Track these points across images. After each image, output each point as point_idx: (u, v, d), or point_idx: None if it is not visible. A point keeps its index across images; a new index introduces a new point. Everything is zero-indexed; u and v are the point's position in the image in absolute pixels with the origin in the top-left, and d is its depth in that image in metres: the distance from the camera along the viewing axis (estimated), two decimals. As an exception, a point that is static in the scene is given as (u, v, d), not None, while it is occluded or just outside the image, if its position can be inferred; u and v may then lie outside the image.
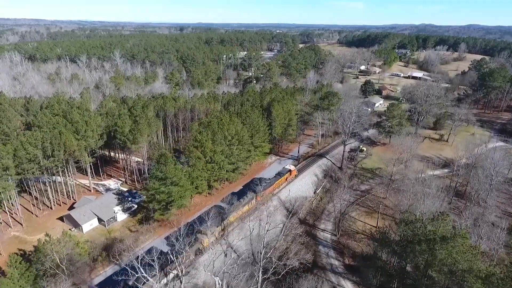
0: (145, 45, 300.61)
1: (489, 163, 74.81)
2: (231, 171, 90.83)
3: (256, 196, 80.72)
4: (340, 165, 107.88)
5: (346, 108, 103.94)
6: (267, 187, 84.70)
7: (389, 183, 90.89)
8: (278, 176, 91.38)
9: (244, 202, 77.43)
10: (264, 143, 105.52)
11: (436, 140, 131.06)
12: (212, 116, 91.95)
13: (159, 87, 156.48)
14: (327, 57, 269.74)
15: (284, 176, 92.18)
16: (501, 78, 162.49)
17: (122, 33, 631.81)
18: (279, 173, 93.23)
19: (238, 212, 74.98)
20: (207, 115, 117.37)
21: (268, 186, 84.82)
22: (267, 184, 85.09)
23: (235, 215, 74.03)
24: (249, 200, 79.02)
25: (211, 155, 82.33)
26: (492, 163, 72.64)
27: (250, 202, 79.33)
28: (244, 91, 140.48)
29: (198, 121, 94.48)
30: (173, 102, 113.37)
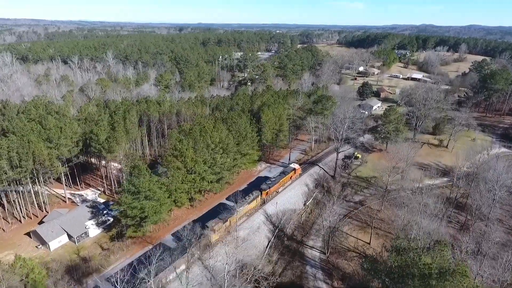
0: (139, 45, 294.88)
1: (491, 175, 68.73)
2: (215, 182, 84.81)
3: (261, 193, 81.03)
4: (333, 173, 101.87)
5: (339, 114, 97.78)
6: (272, 185, 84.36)
7: (384, 194, 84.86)
8: (282, 174, 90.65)
9: (250, 200, 77.21)
10: (252, 150, 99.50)
11: (435, 146, 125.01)
12: (195, 122, 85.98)
13: (148, 89, 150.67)
14: (324, 58, 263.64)
15: (289, 175, 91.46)
16: (503, 81, 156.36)
17: (120, 33, 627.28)
18: (283, 172, 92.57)
19: (244, 209, 74.84)
20: (194, 119, 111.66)
21: (273, 184, 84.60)
22: (272, 183, 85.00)
23: (241, 212, 73.47)
24: (255, 197, 78.82)
25: (192, 165, 76.37)
26: (495, 176, 66.56)
27: (256, 200, 79.15)
28: (235, 95, 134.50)
29: (178, 128, 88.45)
30: (158, 107, 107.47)
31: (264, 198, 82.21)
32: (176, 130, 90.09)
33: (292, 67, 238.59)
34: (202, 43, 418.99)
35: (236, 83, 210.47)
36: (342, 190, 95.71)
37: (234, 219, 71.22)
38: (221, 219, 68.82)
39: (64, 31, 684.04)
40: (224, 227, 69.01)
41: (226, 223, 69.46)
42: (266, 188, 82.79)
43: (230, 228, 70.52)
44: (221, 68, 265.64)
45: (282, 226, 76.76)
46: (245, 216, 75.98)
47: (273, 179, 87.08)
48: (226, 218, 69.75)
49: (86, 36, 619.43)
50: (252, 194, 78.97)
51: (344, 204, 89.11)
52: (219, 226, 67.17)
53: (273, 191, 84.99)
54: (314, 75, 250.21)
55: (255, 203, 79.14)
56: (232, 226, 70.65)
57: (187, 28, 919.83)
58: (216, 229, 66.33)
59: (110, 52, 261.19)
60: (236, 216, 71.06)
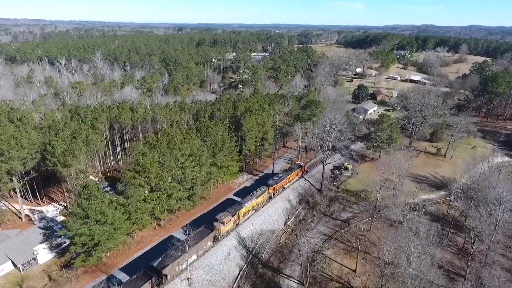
0: (130, 46, 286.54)
1: (493, 197, 60.10)
2: (186, 198, 76.45)
3: (268, 189, 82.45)
4: (319, 186, 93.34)
5: (325, 122, 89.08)
6: (279, 181, 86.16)
7: (373, 213, 76.32)
8: (289, 171, 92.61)
9: (257, 195, 79.06)
10: (231, 161, 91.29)
11: (433, 155, 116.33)
12: (164, 132, 77.55)
13: (129, 93, 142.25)
14: (320, 59, 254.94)
15: (295, 171, 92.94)
16: (505, 84, 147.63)
17: (116, 34, 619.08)
18: (290, 169, 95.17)
19: (252, 203, 77.03)
20: (172, 127, 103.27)
21: (280, 181, 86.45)
22: (278, 179, 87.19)
23: (249, 206, 75.85)
24: (262, 192, 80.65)
25: (156, 182, 68.00)
26: (498, 198, 57.93)
27: (263, 195, 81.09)
28: (217, 100, 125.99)
29: (143, 140, 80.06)
30: (130, 113, 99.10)
31: (271, 193, 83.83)
32: (139, 142, 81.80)
33: (286, 68, 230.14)
34: (197, 43, 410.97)
35: (226, 86, 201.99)
36: (328, 206, 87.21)
37: (242, 212, 73.63)
38: (230, 212, 70.60)
39: (61, 31, 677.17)
40: (233, 220, 71.05)
41: (235, 216, 71.50)
42: (273, 183, 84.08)
43: (238, 221, 73.51)
44: (214, 70, 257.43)
45: (257, 250, 68.26)
46: (252, 210, 77.95)
47: (280, 175, 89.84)
48: (234, 211, 71.55)
49: (81, 36, 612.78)
50: (259, 189, 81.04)
51: (330, 222, 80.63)
52: (228, 218, 69.02)
53: (280, 187, 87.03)
54: (309, 77, 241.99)
55: (262, 197, 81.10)
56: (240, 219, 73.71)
57: (186, 28, 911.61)
58: (225, 221, 68.22)
59: (99, 53, 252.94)
60: (244, 210, 73.84)
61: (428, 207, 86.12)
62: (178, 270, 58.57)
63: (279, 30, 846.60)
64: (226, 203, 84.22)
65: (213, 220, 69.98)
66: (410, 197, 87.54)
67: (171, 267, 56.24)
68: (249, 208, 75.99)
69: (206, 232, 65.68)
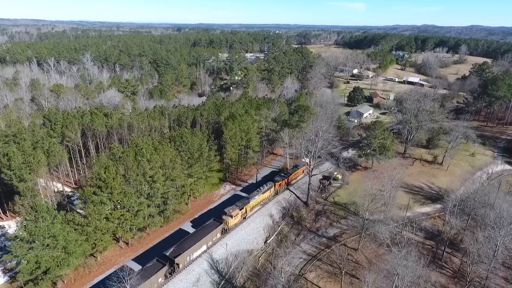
0: (122, 47, 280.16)
1: (492, 219, 53.41)
2: (157, 214, 70.05)
3: (274, 185, 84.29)
4: (306, 199, 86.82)
5: (311, 131, 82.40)
6: (286, 177, 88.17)
7: (361, 231, 69.82)
8: (295, 168, 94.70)
9: (264, 190, 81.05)
10: (210, 172, 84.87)
11: (429, 163, 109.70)
12: (132, 143, 71.09)
13: (112, 96, 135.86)
14: (315, 60, 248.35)
15: (301, 169, 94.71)
16: (506, 87, 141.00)
17: (114, 34, 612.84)
18: (296, 166, 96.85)
19: (259, 198, 79.61)
20: (150, 134, 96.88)
21: (286, 177, 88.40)
22: (285, 175, 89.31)
23: (256, 200, 78.54)
24: (268, 188, 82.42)
25: (119, 199, 61.57)
26: (497, 221, 51.23)
27: (270, 190, 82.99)
28: (200, 105, 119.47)
29: (109, 151, 73.60)
30: (105, 119, 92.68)
31: (277, 189, 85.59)
32: (103, 155, 75.35)
33: (280, 70, 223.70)
34: (193, 44, 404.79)
35: (217, 88, 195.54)
36: (315, 221, 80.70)
37: (249, 206, 76.28)
38: (238, 206, 73.35)
39: (58, 31, 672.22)
40: (241, 214, 73.48)
41: (242, 210, 73.89)
42: (280, 180, 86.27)
43: (246, 215, 76.06)
44: (208, 71, 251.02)
45: (231, 275, 61.74)
46: (259, 205, 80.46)
47: (287, 172, 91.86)
48: (242, 205, 74.18)
49: (77, 36, 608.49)
50: (266, 185, 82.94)
51: (315, 240, 74.11)
52: (236, 212, 71.57)
53: (286, 183, 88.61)
54: (304, 78, 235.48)
55: (268, 193, 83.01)
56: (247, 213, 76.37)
57: (185, 28, 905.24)
58: (233, 214, 70.61)
59: (89, 54, 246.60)
60: (251, 204, 76.52)
61: (422, 222, 79.75)
62: (189, 260, 61.70)
63: (279, 30, 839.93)
64: (203, 217, 78.01)
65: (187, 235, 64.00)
66: (403, 211, 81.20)
67: (183, 257, 59.69)
68: (256, 203, 78.86)
69: (215, 224, 68.49)
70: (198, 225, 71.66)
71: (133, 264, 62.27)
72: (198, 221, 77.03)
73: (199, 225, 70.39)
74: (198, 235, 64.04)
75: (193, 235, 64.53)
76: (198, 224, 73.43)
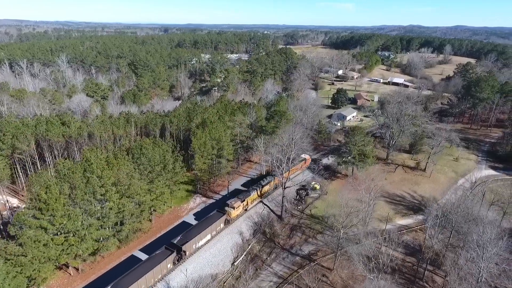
0: (100, 48, 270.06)
1: (474, 241, 48.21)
2: (111, 236, 63.03)
3: (274, 178, 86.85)
4: (280, 212, 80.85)
5: (283, 139, 76.30)
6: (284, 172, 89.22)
7: (337, 249, 64.21)
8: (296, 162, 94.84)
9: (264, 184, 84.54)
10: (176, 185, 78.12)
11: (412, 169, 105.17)
12: (83, 157, 63.86)
13: (80, 101, 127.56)
14: (300, 61, 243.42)
15: (299, 164, 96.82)
16: (489, 88, 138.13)
17: (98, 34, 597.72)
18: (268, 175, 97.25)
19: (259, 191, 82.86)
20: (115, 144, 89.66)
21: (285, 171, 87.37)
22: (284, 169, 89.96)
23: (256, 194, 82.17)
24: (268, 181, 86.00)
25: (63, 222, 54.44)
26: (480, 245, 46.01)
27: (269, 184, 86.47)
28: (170, 111, 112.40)
29: (54, 167, 66.29)
30: (62, 129, 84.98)
31: (276, 183, 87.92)
32: (44, 171, 68.00)
33: (263, 71, 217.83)
34: (177, 44, 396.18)
35: (197, 91, 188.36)
36: (289, 237, 74.85)
37: (250, 198, 79.75)
38: (240, 198, 77.33)
39: (39, 32, 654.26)
40: (242, 205, 77.04)
41: (244, 202, 77.58)
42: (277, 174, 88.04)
43: (247, 207, 79.64)
44: (190, 73, 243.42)
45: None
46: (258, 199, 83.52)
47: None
48: (244, 197, 78.00)
49: (60, 37, 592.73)
50: (266, 178, 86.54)
51: (288, 259, 68.21)
52: (238, 204, 75.42)
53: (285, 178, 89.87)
54: (288, 80, 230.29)
55: (268, 186, 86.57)
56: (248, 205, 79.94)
57: (173, 29, 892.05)
58: (235, 206, 74.38)
59: (64, 55, 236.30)
60: (251, 197, 79.81)
61: (403, 236, 74.71)
62: (195, 248, 65.25)
63: (267, 31, 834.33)
64: (168, 235, 71.29)
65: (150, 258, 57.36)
66: (384, 223, 76.01)
67: (189, 245, 63.14)
68: (256, 196, 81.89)
69: (218, 215, 71.58)
70: (157, 247, 64.82)
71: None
72: (161, 239, 70.29)
73: (158, 247, 63.63)
74: (203, 225, 67.75)
75: (198, 226, 68.15)
76: (155, 247, 66.39)
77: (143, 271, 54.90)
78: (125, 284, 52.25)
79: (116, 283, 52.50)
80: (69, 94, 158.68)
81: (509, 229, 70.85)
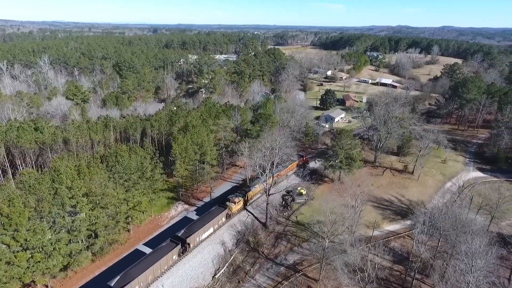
0: (84, 49, 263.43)
1: (462, 252, 46.08)
2: (84, 249, 59.29)
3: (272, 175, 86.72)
4: (265, 220, 78.04)
5: (266, 144, 73.52)
6: (281, 169, 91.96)
7: (322, 259, 61.68)
8: (291, 161, 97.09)
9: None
10: (155, 193, 74.58)
11: (400, 172, 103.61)
12: (52, 166, 59.95)
13: (58, 104, 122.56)
14: (288, 62, 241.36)
15: (295, 162, 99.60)
16: (475, 89, 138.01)
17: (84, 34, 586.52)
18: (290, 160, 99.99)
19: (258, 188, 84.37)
20: (93, 149, 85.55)
21: (282, 169, 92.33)
22: (282, 167, 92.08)
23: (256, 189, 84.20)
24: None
25: (27, 237, 50.56)
26: (469, 254, 43.88)
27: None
28: (150, 114, 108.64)
29: (19, 177, 62.20)
30: (34, 135, 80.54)
31: (275, 179, 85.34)
32: (8, 182, 63.90)
33: (251, 72, 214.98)
34: (165, 45, 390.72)
35: (183, 92, 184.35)
36: (274, 246, 72.04)
37: (250, 194, 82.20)
38: (240, 194, 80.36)
39: (23, 32, 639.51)
40: (243, 200, 79.80)
41: (244, 197, 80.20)
42: (276, 172, 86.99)
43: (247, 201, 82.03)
44: (176, 74, 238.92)
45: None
46: (259, 193, 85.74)
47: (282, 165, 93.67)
48: (244, 193, 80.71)
49: (45, 37, 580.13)
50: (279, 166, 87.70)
51: (273, 270, 65.38)
52: (239, 199, 78.48)
53: (283, 175, 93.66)
54: (277, 81, 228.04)
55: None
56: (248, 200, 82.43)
57: (162, 29, 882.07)
58: (236, 201, 77.39)
59: (47, 57, 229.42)
60: (251, 193, 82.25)
61: (390, 243, 72.75)
62: (199, 240, 67.04)
63: (257, 31, 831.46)
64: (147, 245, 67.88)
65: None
66: (371, 229, 73.84)
67: (193, 237, 64.99)
68: (256, 192, 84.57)
69: (220, 210, 73.66)
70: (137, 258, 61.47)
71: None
72: (140, 251, 66.81)
73: (138, 258, 60.20)
74: (206, 219, 69.67)
75: (200, 219, 70.06)
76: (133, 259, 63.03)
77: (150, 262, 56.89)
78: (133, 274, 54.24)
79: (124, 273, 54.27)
80: (49, 96, 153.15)
81: (497, 234, 69.60)
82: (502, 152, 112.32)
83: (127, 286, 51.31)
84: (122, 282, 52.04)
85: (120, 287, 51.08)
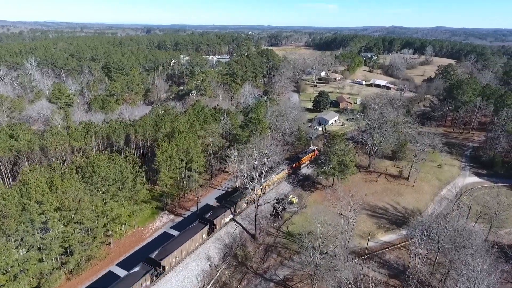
0: (73, 50, 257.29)
1: (463, 273, 42.75)
2: (57, 268, 54.90)
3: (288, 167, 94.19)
4: (254, 231, 74.14)
5: (253, 153, 69.54)
6: (295, 162, 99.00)
7: (313, 276, 57.94)
8: (304, 153, 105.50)
9: (278, 171, 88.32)
10: (138, 204, 70.30)
11: (395, 178, 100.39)
12: (21, 179, 55.44)
13: (41, 108, 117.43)
14: (281, 63, 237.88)
15: (309, 154, 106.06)
16: (471, 91, 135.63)
17: (76, 35, 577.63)
18: (304, 152, 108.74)
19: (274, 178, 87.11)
20: (75, 157, 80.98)
21: (296, 161, 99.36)
22: (295, 159, 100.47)
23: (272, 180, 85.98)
24: (281, 170, 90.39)
25: (-9, 260, 46.09)
26: (470, 279, 40.49)
27: (283, 171, 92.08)
28: (135, 119, 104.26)
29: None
30: (9, 142, 75.76)
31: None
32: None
33: (244, 74, 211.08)
34: (157, 46, 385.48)
35: (174, 95, 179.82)
36: (263, 259, 68.16)
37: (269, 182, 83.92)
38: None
39: (13, 33, 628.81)
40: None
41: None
42: (291, 163, 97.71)
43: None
44: (168, 76, 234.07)
45: None
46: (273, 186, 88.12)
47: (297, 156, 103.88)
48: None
49: (35, 38, 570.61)
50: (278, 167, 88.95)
51: (261, 286, 61.47)
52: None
53: (297, 166, 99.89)
54: (270, 82, 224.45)
55: (283, 174, 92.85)
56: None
57: (156, 29, 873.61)
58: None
59: (33, 58, 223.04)
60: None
61: (386, 255, 69.32)
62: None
63: (251, 32, 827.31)
64: (128, 260, 63.74)
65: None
66: (365, 240, 70.30)
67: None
68: (271, 182, 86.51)
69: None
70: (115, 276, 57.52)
71: None
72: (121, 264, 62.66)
73: (112, 279, 56.16)
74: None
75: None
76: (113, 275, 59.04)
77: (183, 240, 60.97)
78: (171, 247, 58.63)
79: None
80: (34, 100, 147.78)
81: (498, 245, 66.50)
82: (498, 156, 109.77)
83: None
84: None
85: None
